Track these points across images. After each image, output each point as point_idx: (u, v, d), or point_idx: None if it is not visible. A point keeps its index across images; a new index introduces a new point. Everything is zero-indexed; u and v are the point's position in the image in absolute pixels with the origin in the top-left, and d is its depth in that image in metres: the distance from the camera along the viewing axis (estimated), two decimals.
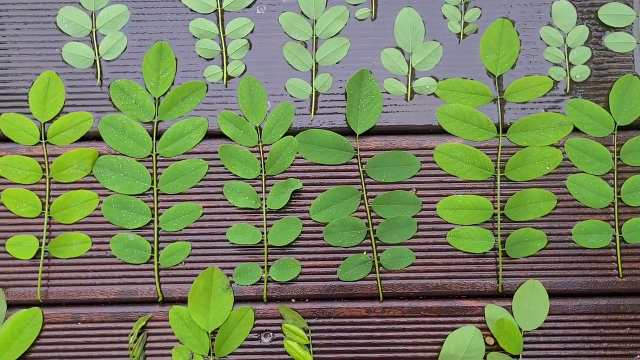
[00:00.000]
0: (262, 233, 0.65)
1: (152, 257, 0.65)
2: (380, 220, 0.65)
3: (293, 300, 0.65)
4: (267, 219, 0.65)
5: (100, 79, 0.66)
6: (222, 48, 0.67)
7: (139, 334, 0.64)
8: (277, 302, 0.65)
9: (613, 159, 0.64)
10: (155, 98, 0.66)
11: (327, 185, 0.66)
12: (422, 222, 0.65)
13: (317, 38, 0.67)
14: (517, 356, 0.63)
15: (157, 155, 0.66)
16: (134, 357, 0.63)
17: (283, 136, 0.66)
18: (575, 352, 0.64)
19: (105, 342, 0.64)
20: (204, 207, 0.65)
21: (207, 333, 0.63)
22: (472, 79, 0.66)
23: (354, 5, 0.67)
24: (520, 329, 0.63)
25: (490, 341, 0.63)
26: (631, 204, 0.64)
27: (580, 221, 0.65)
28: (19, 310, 0.64)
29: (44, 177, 0.66)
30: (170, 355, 0.64)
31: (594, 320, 0.64)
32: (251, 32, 0.67)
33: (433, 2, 0.66)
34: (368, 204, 0.65)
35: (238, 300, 0.65)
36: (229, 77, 0.67)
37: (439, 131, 0.66)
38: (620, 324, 0.64)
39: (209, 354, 0.63)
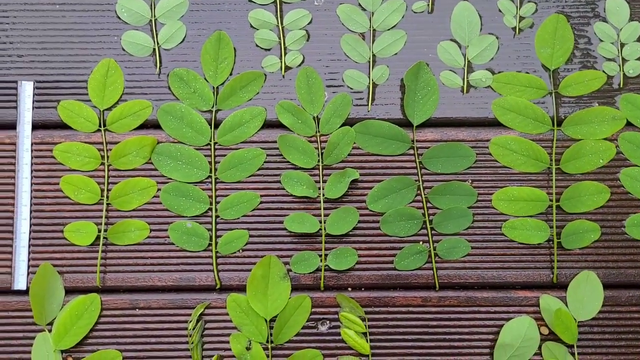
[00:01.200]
0: (320, 222, 0.65)
1: (210, 244, 0.65)
2: (436, 211, 0.66)
3: (349, 289, 0.66)
4: (324, 208, 0.66)
5: (159, 67, 0.67)
6: (280, 39, 0.67)
7: (197, 321, 0.64)
8: (334, 290, 0.65)
9: None
10: (213, 87, 0.66)
11: (384, 175, 0.66)
12: (477, 213, 0.66)
13: (374, 30, 0.67)
14: (572, 346, 0.64)
15: (215, 143, 0.66)
16: (192, 343, 0.63)
17: (340, 126, 0.66)
18: (629, 343, 0.65)
19: (163, 329, 0.64)
20: (261, 195, 0.66)
21: (265, 321, 0.63)
22: (527, 73, 0.67)
23: None
24: (574, 319, 0.64)
25: (545, 331, 0.64)
26: None
27: (633, 214, 0.65)
28: (77, 297, 0.64)
29: (102, 164, 0.66)
30: (227, 342, 0.64)
31: None
32: (309, 23, 0.67)
33: None
34: (424, 194, 0.66)
35: (295, 288, 0.65)
36: (286, 68, 0.67)
37: (494, 123, 0.67)
38: None
39: (267, 342, 0.64)
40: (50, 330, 0.64)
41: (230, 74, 0.67)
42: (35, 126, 0.66)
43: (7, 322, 0.64)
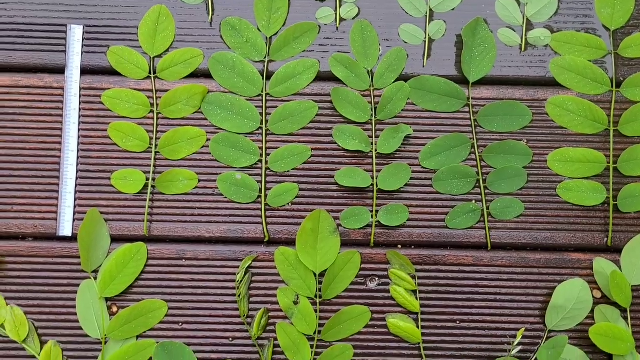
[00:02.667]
0: (371, 177, 0.64)
1: (259, 196, 0.64)
2: (490, 170, 0.65)
3: (399, 246, 0.65)
4: (376, 164, 0.65)
5: (212, 15, 0.66)
6: None
7: (244, 274, 0.63)
8: (384, 247, 0.64)
9: None
10: (266, 37, 0.65)
11: (438, 132, 0.65)
12: (532, 174, 0.65)
13: None
14: (626, 310, 0.63)
15: (267, 95, 0.65)
16: (239, 296, 0.62)
17: (395, 81, 0.65)
18: None
19: (210, 281, 0.63)
20: (312, 149, 0.65)
21: (314, 275, 0.62)
22: (586, 32, 0.65)
23: None
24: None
25: (598, 294, 0.63)
26: None
27: None
28: (123, 245, 0.63)
29: (151, 111, 0.65)
30: (274, 296, 0.63)
31: None
32: None
33: None
34: (478, 152, 0.65)
35: (345, 244, 0.64)
36: (341, 20, 0.66)
37: (551, 83, 0.65)
38: None
39: (315, 296, 0.63)
40: (95, 278, 0.63)
41: (284, 25, 0.65)
42: (84, 71, 0.65)
43: (51, 268, 0.63)
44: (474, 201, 0.64)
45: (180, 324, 0.63)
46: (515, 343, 0.58)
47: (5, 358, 0.62)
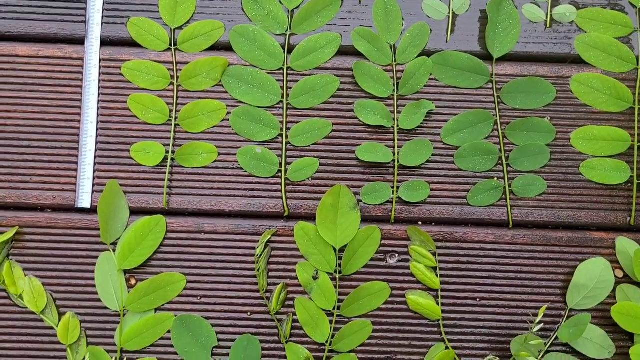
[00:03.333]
0: (393, 153, 0.64)
1: (279, 171, 0.64)
2: (513, 147, 0.64)
3: (420, 223, 0.64)
4: (397, 140, 0.64)
5: None
6: None
7: (263, 248, 0.63)
8: (404, 223, 0.64)
9: None
10: (288, 10, 0.64)
11: (460, 109, 0.64)
12: (555, 152, 0.64)
13: None
14: None
15: (288, 68, 0.64)
16: (258, 270, 0.62)
17: (417, 57, 0.64)
18: None
19: (229, 254, 0.63)
20: (333, 124, 0.64)
21: (334, 250, 0.62)
22: (613, 9, 0.64)
23: None
24: None
25: (620, 274, 0.63)
26: None
27: None
28: (142, 217, 0.63)
29: (171, 84, 0.64)
30: (293, 271, 0.63)
31: None
32: None
33: None
34: (501, 129, 0.64)
35: (365, 219, 0.64)
36: None
37: (576, 60, 0.65)
38: None
39: (334, 272, 0.62)
40: (114, 250, 0.62)
41: None
42: (104, 42, 0.64)
43: (70, 240, 0.63)
44: (495, 178, 0.64)
45: (199, 298, 0.63)
46: (537, 321, 0.57)
47: (23, 329, 0.62)
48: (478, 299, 0.63)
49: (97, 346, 0.62)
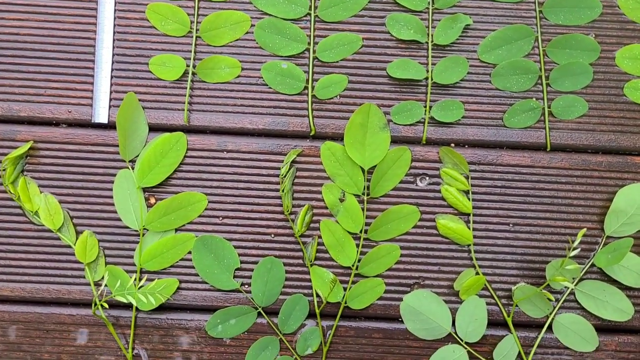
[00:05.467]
0: (426, 70, 0.60)
1: (305, 88, 0.60)
2: (554, 66, 0.60)
3: (452, 144, 0.61)
4: (431, 56, 0.60)
5: None
6: None
7: (289, 168, 0.60)
8: (436, 145, 0.61)
9: None
10: None
11: (499, 24, 0.60)
12: (598, 71, 0.60)
13: None
14: None
15: None
16: (283, 190, 0.59)
17: None
18: None
19: (253, 174, 0.60)
20: (364, 38, 0.61)
21: (362, 171, 0.59)
22: None
23: None
24: None
25: None
26: None
27: None
28: (162, 134, 0.60)
29: None
30: (319, 192, 0.60)
31: None
32: None
33: None
34: (542, 47, 0.60)
35: (394, 140, 0.61)
36: None
37: None
38: None
39: (362, 194, 0.60)
40: (132, 168, 0.60)
41: None
42: None
43: (86, 156, 0.60)
44: (534, 99, 0.60)
45: (221, 218, 0.60)
46: (575, 244, 0.55)
47: (40, 247, 0.60)
48: (511, 224, 0.60)
49: (116, 265, 0.60)
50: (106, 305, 0.58)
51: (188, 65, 0.60)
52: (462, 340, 0.59)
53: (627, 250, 0.55)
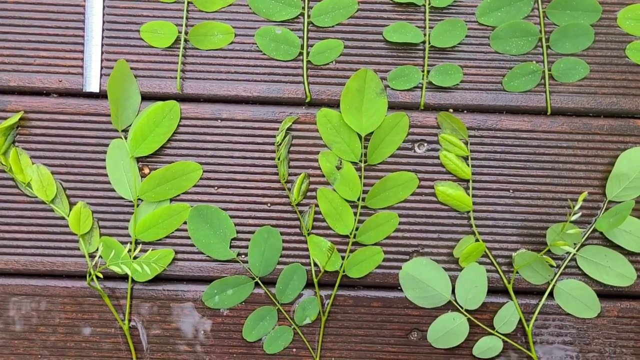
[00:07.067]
0: (424, 34, 0.59)
1: (300, 53, 0.59)
2: (554, 27, 0.59)
3: (451, 110, 0.60)
4: (429, 20, 0.59)
5: None
6: None
7: (284, 135, 0.59)
8: (434, 110, 0.60)
9: None
10: None
11: None
12: (600, 32, 0.59)
13: None
14: None
15: None
16: (279, 159, 0.58)
17: None
18: None
19: (248, 142, 0.59)
20: (359, 2, 0.59)
21: (359, 137, 0.58)
22: None
23: None
24: None
25: None
26: None
27: None
28: (154, 103, 0.59)
29: None
30: (316, 160, 0.59)
31: None
32: None
33: None
34: (542, 8, 0.59)
35: (392, 106, 0.60)
36: None
37: None
38: None
39: (359, 161, 0.59)
40: (125, 138, 0.59)
41: None
42: None
43: (78, 126, 0.59)
44: (534, 62, 0.59)
45: (216, 188, 0.59)
46: (576, 208, 0.54)
47: (33, 219, 0.59)
48: (511, 190, 0.59)
49: (111, 237, 0.59)
50: (101, 276, 0.57)
51: (180, 32, 0.59)
52: (462, 308, 0.58)
53: (628, 212, 0.54)
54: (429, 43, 0.59)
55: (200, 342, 0.59)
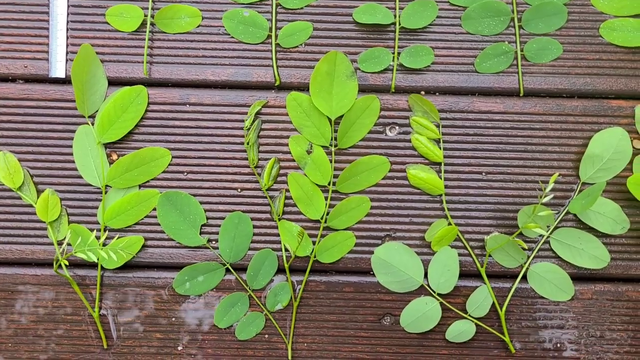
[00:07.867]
0: (394, 15, 0.58)
1: (269, 36, 0.58)
2: (526, 7, 0.58)
3: (423, 92, 0.59)
4: (399, 0, 0.58)
5: None
6: None
7: (253, 120, 0.58)
8: (406, 93, 0.59)
9: None
10: None
11: None
12: (573, 12, 0.58)
13: None
14: None
15: None
16: (248, 143, 0.58)
17: None
18: None
19: (216, 127, 0.58)
20: None
21: (330, 121, 0.57)
22: None
23: None
24: None
25: (638, 144, 0.58)
26: None
27: None
28: (121, 88, 0.58)
29: None
30: (286, 144, 0.58)
31: None
32: None
33: None
34: None
35: (362, 89, 0.59)
36: None
37: None
38: None
39: (330, 145, 0.58)
40: (92, 124, 0.58)
41: None
42: None
43: (45, 112, 0.58)
44: (506, 42, 0.58)
45: (185, 174, 0.59)
46: (548, 189, 0.53)
47: (0, 206, 0.58)
48: (484, 173, 0.58)
49: (80, 224, 0.58)
50: (67, 263, 0.57)
51: (146, 15, 0.58)
52: (434, 292, 0.58)
53: (599, 193, 0.53)
54: (400, 24, 0.58)
55: (171, 329, 0.59)
